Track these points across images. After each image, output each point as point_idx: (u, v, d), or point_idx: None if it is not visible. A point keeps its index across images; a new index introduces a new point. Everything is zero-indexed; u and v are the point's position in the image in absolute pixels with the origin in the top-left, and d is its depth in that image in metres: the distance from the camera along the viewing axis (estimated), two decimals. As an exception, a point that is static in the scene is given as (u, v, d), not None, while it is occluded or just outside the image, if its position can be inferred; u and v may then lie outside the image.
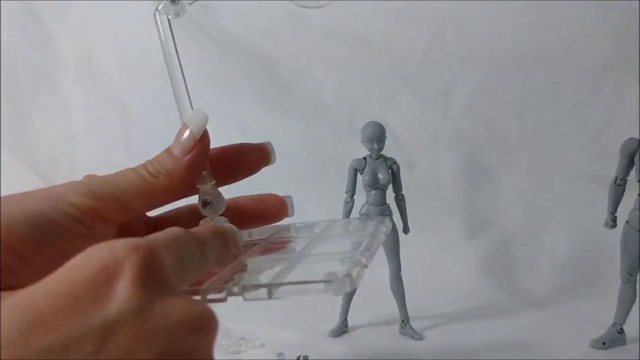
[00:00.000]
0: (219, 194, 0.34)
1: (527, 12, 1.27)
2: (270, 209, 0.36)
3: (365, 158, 0.93)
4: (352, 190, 0.93)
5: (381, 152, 0.92)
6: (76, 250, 0.27)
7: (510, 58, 1.30)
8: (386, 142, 0.92)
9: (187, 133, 0.31)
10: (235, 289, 0.26)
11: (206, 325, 0.21)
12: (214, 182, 0.34)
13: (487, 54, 1.30)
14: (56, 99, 1.42)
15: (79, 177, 0.31)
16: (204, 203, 0.33)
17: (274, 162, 0.35)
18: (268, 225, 0.37)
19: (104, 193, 0.29)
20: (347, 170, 0.93)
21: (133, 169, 0.31)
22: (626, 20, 1.24)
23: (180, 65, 0.35)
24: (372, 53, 1.33)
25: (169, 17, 0.35)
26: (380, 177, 0.91)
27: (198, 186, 0.33)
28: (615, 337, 0.88)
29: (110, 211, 0.29)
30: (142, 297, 0.20)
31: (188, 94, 0.35)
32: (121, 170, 0.31)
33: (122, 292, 0.20)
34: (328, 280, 0.25)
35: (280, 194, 0.36)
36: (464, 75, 1.31)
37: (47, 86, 1.42)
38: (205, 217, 0.34)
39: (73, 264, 0.21)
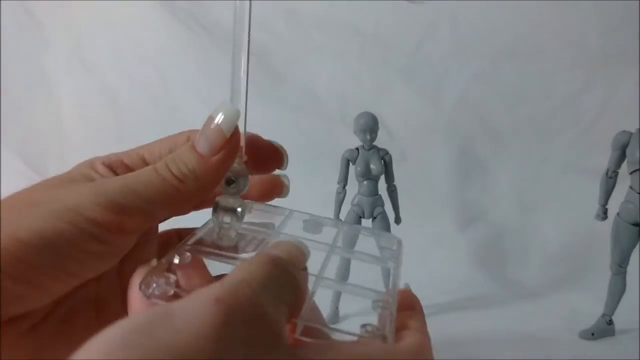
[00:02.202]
0: (246, 171, 0.29)
1: (520, 5, 1.27)
2: (266, 187, 0.33)
3: (357, 149, 0.92)
4: (344, 181, 0.93)
5: (374, 143, 0.92)
6: (89, 269, 0.25)
7: (504, 50, 1.30)
8: (379, 133, 0.92)
9: (215, 128, 0.27)
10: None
11: None
12: (245, 159, 0.30)
13: (480, 46, 1.30)
14: (46, 88, 1.41)
15: (69, 167, 0.29)
16: (228, 181, 0.29)
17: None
18: (267, 210, 0.33)
19: (127, 204, 0.25)
20: (340, 160, 0.93)
21: (155, 170, 0.27)
22: (619, 14, 1.24)
23: (249, 53, 0.30)
24: (365, 44, 1.33)
25: None
26: (372, 168, 0.91)
27: None
28: (604, 328, 0.89)
29: (133, 224, 0.26)
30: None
31: (247, 81, 0.30)
32: (141, 172, 0.27)
33: None
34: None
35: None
36: (457, 68, 1.31)
37: (38, 75, 1.41)
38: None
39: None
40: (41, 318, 0.25)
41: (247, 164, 0.30)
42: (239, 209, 0.29)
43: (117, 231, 0.25)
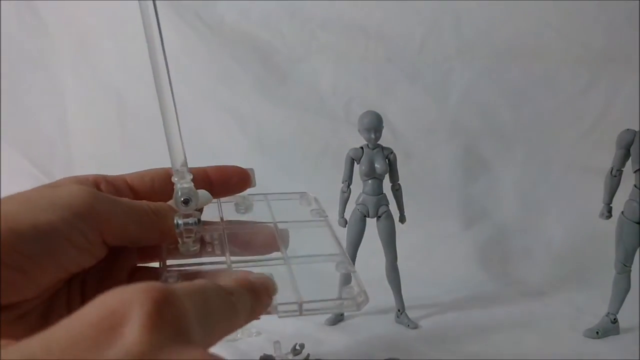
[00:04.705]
0: (195, 189, 0.33)
1: (524, 4, 1.27)
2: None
3: (362, 147, 0.93)
4: (348, 180, 0.94)
5: (378, 142, 0.92)
6: (73, 263, 0.27)
7: (508, 49, 1.29)
8: (383, 132, 0.92)
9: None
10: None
11: None
12: (192, 177, 0.33)
13: (484, 45, 1.30)
14: (52, 87, 1.41)
15: (75, 166, 0.31)
16: (186, 201, 0.32)
17: (255, 186, 0.37)
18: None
19: (111, 214, 0.29)
20: (344, 159, 0.93)
21: (148, 205, 0.32)
22: (623, 12, 1.24)
23: (165, 56, 0.33)
24: (369, 43, 1.33)
25: None
26: (377, 167, 0.91)
27: (174, 180, 0.32)
28: (609, 327, 0.89)
29: (111, 234, 0.29)
30: (149, 343, 0.18)
31: (172, 91, 0.34)
32: (136, 202, 0.31)
33: (128, 337, 0.18)
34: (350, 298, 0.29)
35: (277, 183, 0.36)
36: (461, 66, 1.31)
37: (43, 75, 1.41)
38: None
39: (82, 311, 0.19)
40: (27, 310, 0.27)
41: (215, 190, 0.35)
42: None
43: (97, 232, 0.28)
